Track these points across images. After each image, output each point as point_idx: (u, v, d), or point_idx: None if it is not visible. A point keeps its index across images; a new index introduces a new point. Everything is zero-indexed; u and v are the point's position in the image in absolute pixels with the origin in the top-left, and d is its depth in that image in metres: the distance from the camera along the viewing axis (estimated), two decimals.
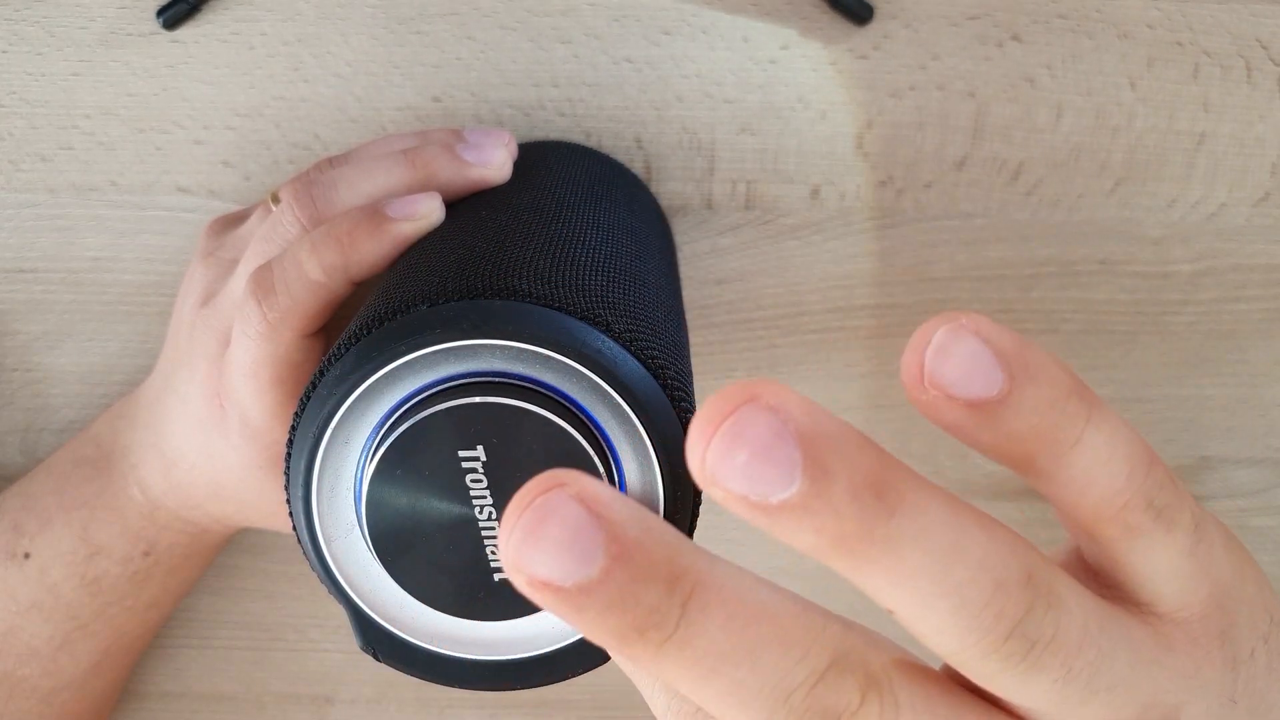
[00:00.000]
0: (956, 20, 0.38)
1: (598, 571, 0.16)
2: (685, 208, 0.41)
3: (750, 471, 0.15)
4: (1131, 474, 0.18)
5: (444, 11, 0.38)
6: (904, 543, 0.16)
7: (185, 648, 0.45)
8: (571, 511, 0.16)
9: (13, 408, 0.42)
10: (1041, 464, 0.18)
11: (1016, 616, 0.17)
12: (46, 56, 0.39)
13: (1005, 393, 0.17)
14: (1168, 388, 0.43)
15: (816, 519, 0.16)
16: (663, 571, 0.16)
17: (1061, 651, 0.17)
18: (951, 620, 0.17)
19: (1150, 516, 0.19)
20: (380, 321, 0.24)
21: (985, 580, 0.16)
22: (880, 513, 0.16)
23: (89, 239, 0.41)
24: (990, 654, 0.17)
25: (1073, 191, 0.40)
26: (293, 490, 0.25)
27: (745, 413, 0.15)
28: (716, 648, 0.16)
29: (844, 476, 0.15)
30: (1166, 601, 0.20)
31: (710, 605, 0.16)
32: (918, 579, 0.16)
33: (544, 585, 0.16)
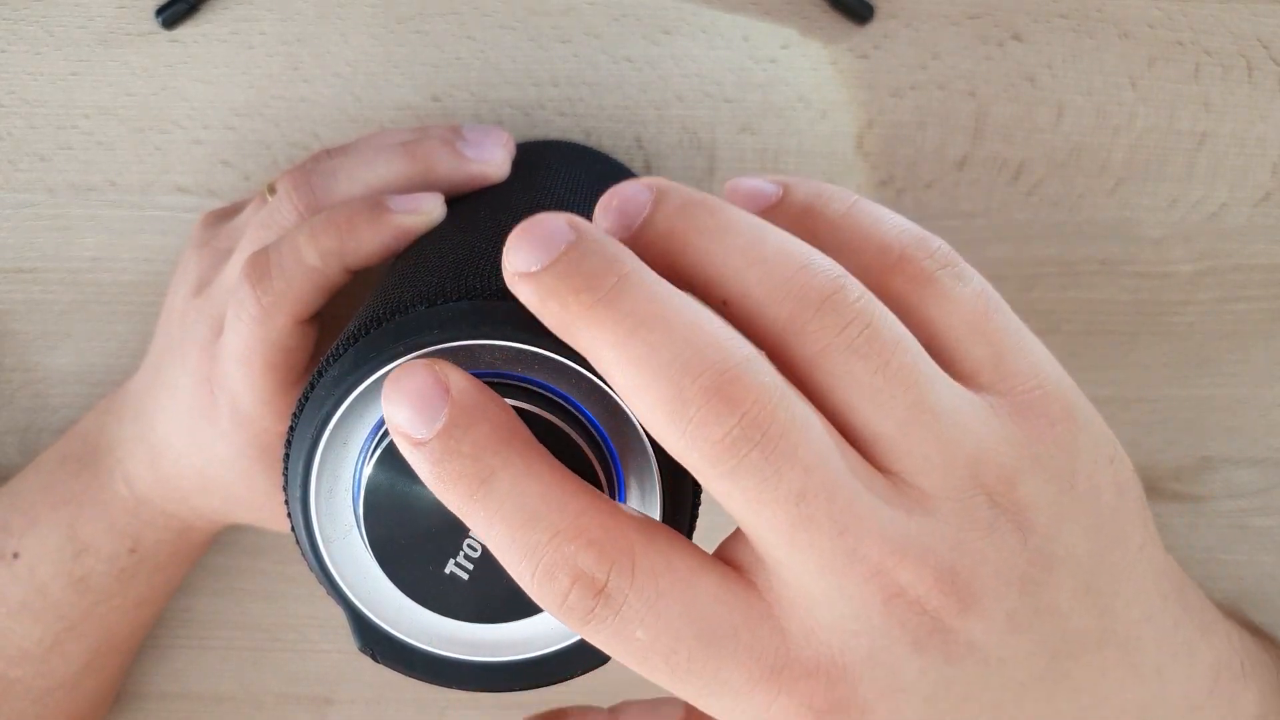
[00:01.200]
0: (957, 19, 0.38)
1: (558, 253, 0.20)
2: None
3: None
4: (903, 233, 0.22)
5: (444, 11, 0.38)
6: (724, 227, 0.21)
7: (184, 648, 0.45)
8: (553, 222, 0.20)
9: (11, 407, 0.42)
10: (824, 235, 0.21)
11: (826, 290, 0.19)
12: (45, 56, 0.39)
13: (780, 198, 0.22)
14: (1168, 388, 0.43)
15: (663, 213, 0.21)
16: (606, 254, 0.20)
17: (878, 340, 0.19)
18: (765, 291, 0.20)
19: (932, 265, 0.21)
20: (379, 322, 0.24)
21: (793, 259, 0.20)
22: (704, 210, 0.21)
23: (88, 239, 0.41)
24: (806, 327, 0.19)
25: (1073, 191, 0.40)
26: (291, 491, 0.25)
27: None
28: (639, 312, 0.19)
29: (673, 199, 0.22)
30: (985, 369, 0.21)
31: (641, 282, 0.20)
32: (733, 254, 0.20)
33: (519, 275, 0.20)
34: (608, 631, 0.19)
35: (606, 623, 0.19)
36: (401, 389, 0.21)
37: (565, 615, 0.20)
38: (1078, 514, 0.21)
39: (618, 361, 0.19)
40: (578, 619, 0.19)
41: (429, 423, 0.20)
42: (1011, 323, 0.22)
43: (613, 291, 0.19)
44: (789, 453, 0.18)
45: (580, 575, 0.19)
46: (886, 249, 0.21)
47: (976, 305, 0.21)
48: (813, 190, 0.22)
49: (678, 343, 0.19)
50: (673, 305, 0.19)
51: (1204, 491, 0.44)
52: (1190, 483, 0.44)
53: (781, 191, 0.22)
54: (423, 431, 0.20)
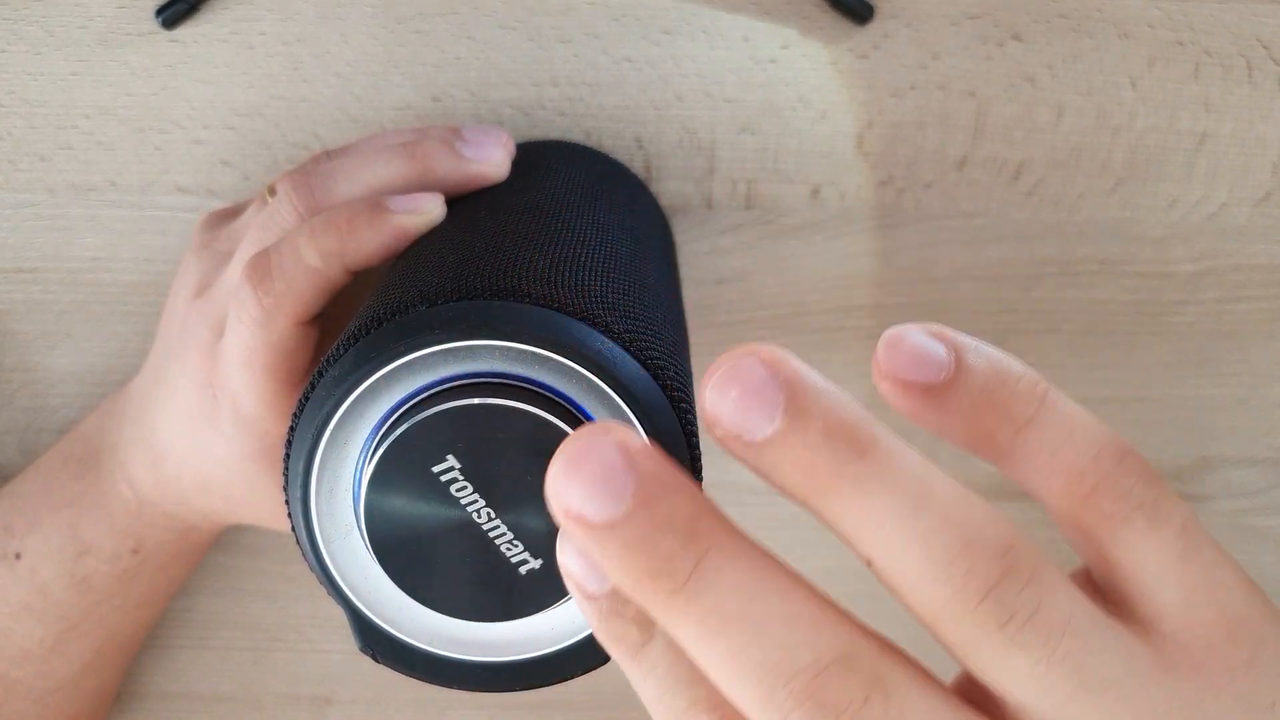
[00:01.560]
0: (957, 20, 0.38)
1: (623, 512, 0.17)
2: (685, 207, 0.41)
3: (740, 406, 0.17)
4: (1099, 456, 0.19)
5: (443, 11, 0.38)
6: (871, 483, 0.18)
7: (184, 648, 0.45)
8: (609, 454, 0.17)
9: (11, 407, 0.42)
10: (1001, 443, 0.19)
11: (992, 579, 0.17)
12: (45, 56, 0.38)
13: (952, 375, 0.19)
14: (1168, 388, 0.43)
15: (793, 454, 0.18)
16: (684, 524, 0.17)
17: (1044, 628, 0.18)
18: (922, 571, 0.17)
19: (1129, 505, 0.19)
20: (379, 322, 0.24)
21: (954, 534, 0.17)
22: (850, 454, 0.18)
23: (88, 239, 0.41)
24: (965, 618, 0.17)
25: (1073, 191, 0.40)
26: (291, 491, 0.25)
27: (742, 360, 0.18)
28: (725, 608, 0.17)
29: (820, 419, 0.17)
30: (1168, 617, 0.20)
31: (724, 567, 0.17)
32: (886, 522, 0.17)
33: (576, 518, 0.17)
34: None
35: None
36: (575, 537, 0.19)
37: None
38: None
39: (703, 656, 0.18)
40: None
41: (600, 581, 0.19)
42: (1205, 561, 0.20)
43: (693, 582, 0.17)
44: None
45: None
46: (1080, 477, 0.19)
47: (1171, 550, 0.19)
48: (992, 375, 0.19)
49: (767, 646, 0.17)
50: (763, 597, 0.17)
51: (1204, 491, 0.44)
52: (1190, 483, 0.44)
53: (954, 366, 0.19)
54: (594, 587, 0.20)
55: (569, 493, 0.17)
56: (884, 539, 0.18)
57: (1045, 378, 0.19)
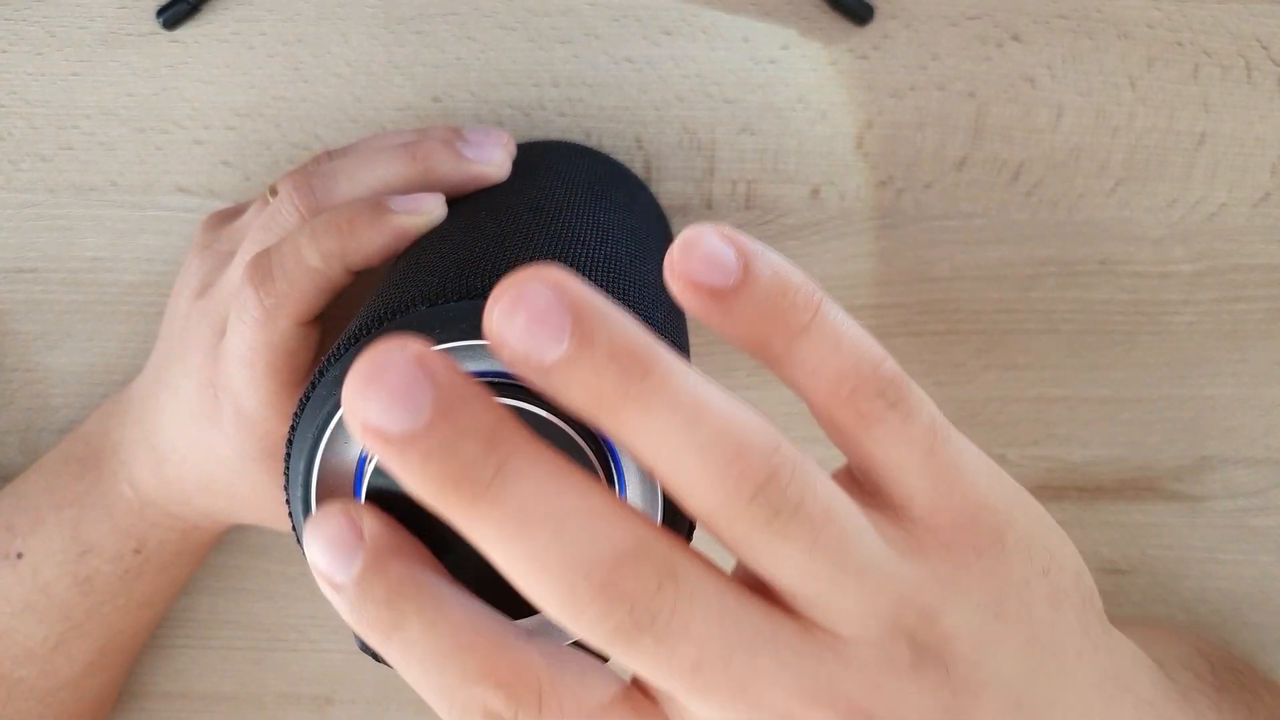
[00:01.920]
0: (956, 20, 0.38)
1: (423, 423, 0.17)
2: (685, 208, 0.41)
3: (528, 331, 0.18)
4: (859, 362, 0.20)
5: (444, 11, 0.38)
6: (654, 402, 0.18)
7: (185, 648, 0.45)
8: (406, 367, 0.17)
9: (12, 407, 0.42)
10: (777, 348, 0.20)
11: (759, 480, 0.19)
12: (46, 56, 0.39)
13: (739, 280, 0.20)
14: (1168, 388, 0.43)
15: (581, 375, 0.18)
16: (483, 431, 0.18)
17: (806, 522, 0.19)
18: (698, 477, 0.19)
19: (883, 404, 0.21)
20: (379, 322, 0.24)
21: (727, 443, 0.19)
22: (635, 374, 0.18)
23: (89, 239, 0.41)
24: (738, 517, 0.19)
25: (1073, 191, 0.40)
26: (292, 491, 0.25)
27: (528, 284, 0.18)
28: (527, 509, 0.18)
29: (605, 343, 0.18)
30: (917, 504, 0.21)
31: (525, 470, 0.18)
32: (667, 436, 0.18)
33: (374, 431, 0.17)
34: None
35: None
36: (318, 534, 0.21)
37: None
38: (1005, 637, 0.21)
39: (505, 557, 0.18)
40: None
41: (345, 568, 0.20)
42: (951, 452, 0.21)
43: (495, 485, 0.18)
44: (681, 630, 0.19)
45: (491, 715, 0.20)
46: (840, 380, 0.20)
47: (919, 443, 0.21)
48: (774, 284, 0.20)
49: (566, 542, 0.18)
50: (562, 495, 0.18)
51: (1203, 491, 0.44)
52: (1189, 483, 0.44)
53: (742, 272, 0.20)
54: (340, 576, 0.20)
55: (367, 407, 0.17)
56: (665, 452, 0.19)
57: (820, 288, 0.21)
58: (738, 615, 0.19)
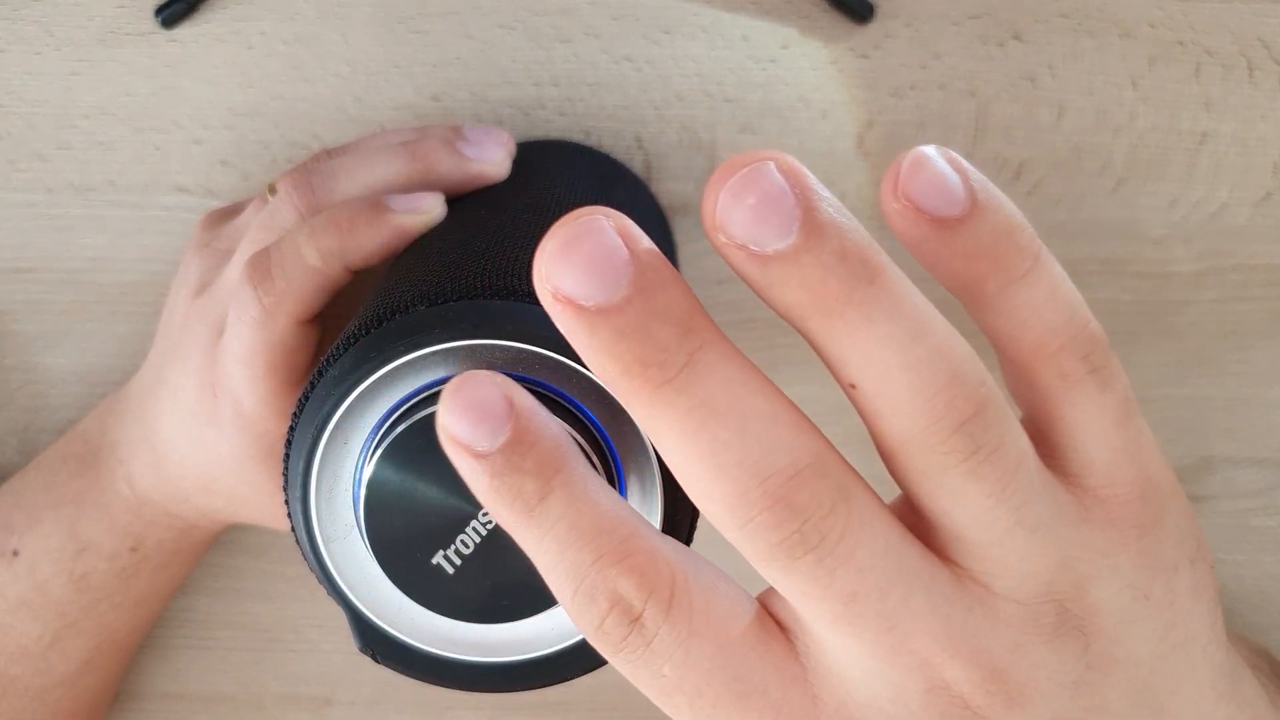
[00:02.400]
0: (958, 19, 0.38)
1: (620, 298, 0.17)
2: (685, 207, 0.41)
3: (755, 216, 0.17)
4: (1071, 319, 0.20)
5: (443, 10, 0.38)
6: (877, 309, 0.17)
7: (184, 648, 0.45)
8: (609, 238, 0.17)
9: (11, 408, 0.42)
10: (989, 290, 0.19)
11: (967, 412, 0.18)
12: (45, 56, 0.38)
13: (966, 212, 0.19)
14: (1169, 388, 0.43)
15: (804, 272, 0.17)
16: (680, 318, 0.17)
17: (1001, 465, 0.18)
18: (907, 398, 0.18)
19: (1085, 368, 0.20)
20: (379, 322, 0.24)
21: (943, 366, 0.18)
22: (862, 278, 0.17)
23: (87, 239, 0.40)
24: (936, 445, 0.18)
25: (1074, 191, 0.40)
26: (291, 491, 0.25)
27: (762, 167, 0.17)
28: (712, 403, 0.17)
29: (835, 239, 0.17)
30: (1094, 473, 0.21)
31: (716, 363, 0.17)
32: (884, 348, 0.18)
33: (567, 301, 0.17)
34: (636, 663, 0.19)
35: (637, 653, 0.19)
36: (463, 398, 0.19)
37: (599, 640, 0.19)
38: (1147, 618, 0.21)
39: (680, 450, 0.18)
40: (610, 646, 0.19)
41: (491, 436, 0.19)
42: (1135, 428, 0.21)
43: (685, 373, 0.17)
44: (845, 556, 0.18)
45: (618, 600, 0.19)
46: (1049, 336, 0.20)
47: (1110, 413, 0.20)
48: (1002, 224, 0.19)
49: (749, 443, 0.17)
50: (749, 396, 0.18)
51: (1205, 492, 0.44)
52: (1191, 483, 0.44)
53: (970, 203, 0.19)
54: (484, 444, 0.19)
55: (563, 273, 0.17)
56: (877, 364, 0.18)
57: None
58: (899, 551, 0.19)
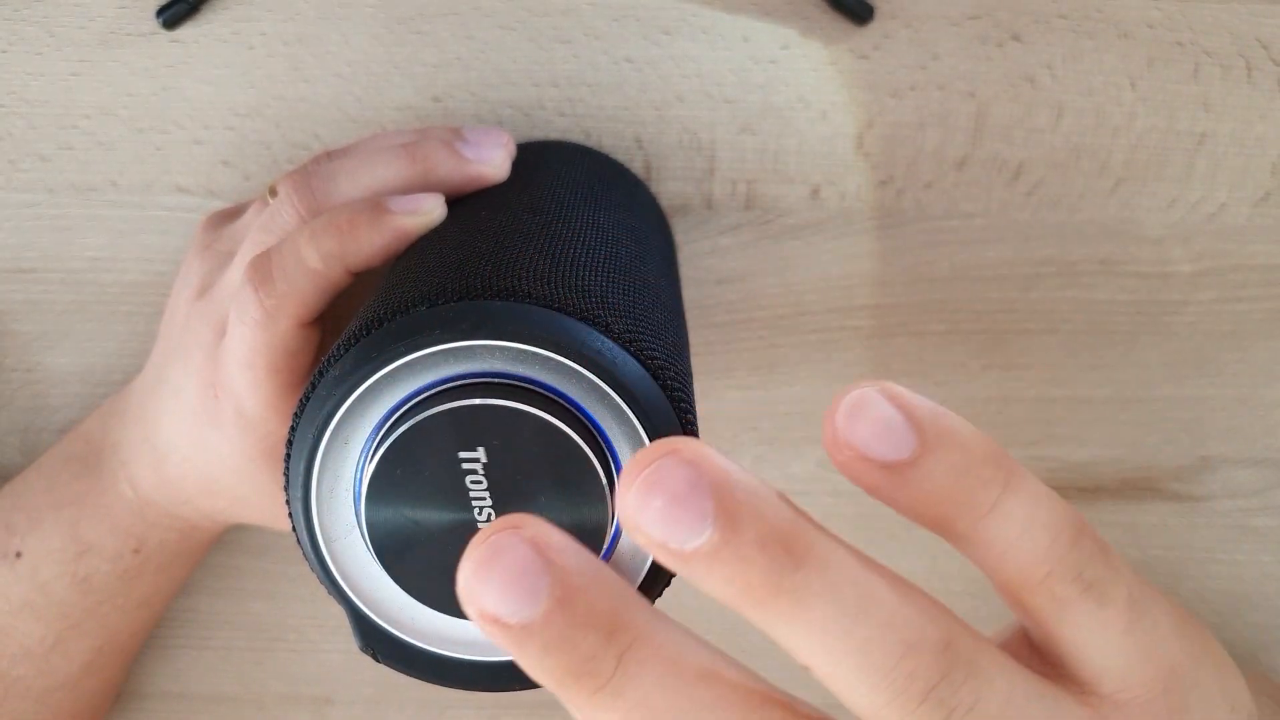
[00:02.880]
0: (957, 20, 0.38)
1: (540, 613, 0.16)
2: (685, 208, 0.41)
3: (666, 517, 0.16)
4: (1054, 543, 0.19)
5: (444, 11, 0.38)
6: (809, 595, 0.17)
7: (185, 648, 0.45)
8: (522, 553, 0.16)
9: (12, 408, 0.42)
10: (959, 528, 0.18)
11: (931, 680, 0.17)
12: (46, 56, 0.39)
13: (916, 456, 0.18)
14: (1168, 388, 0.43)
15: (726, 567, 0.16)
16: (603, 621, 0.16)
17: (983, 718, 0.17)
18: (860, 678, 0.17)
19: (1078, 589, 0.19)
20: (380, 322, 0.24)
21: (893, 639, 0.17)
22: (787, 565, 0.16)
23: (88, 239, 0.41)
24: (906, 717, 0.17)
25: (1073, 191, 0.40)
26: (292, 491, 0.25)
27: (664, 463, 0.16)
28: (649, 704, 0.17)
29: (753, 528, 0.16)
30: (1108, 681, 0.20)
31: (647, 661, 0.17)
32: (825, 633, 0.17)
33: (491, 620, 0.16)
34: None
35: None
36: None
37: None
38: None
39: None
40: None
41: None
42: (1147, 625, 0.20)
43: (615, 680, 0.16)
44: None
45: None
46: (1033, 566, 0.19)
47: (1116, 625, 0.19)
48: (958, 460, 0.18)
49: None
50: (684, 685, 0.17)
51: (1204, 492, 0.44)
52: (1190, 483, 0.44)
53: (919, 445, 0.18)
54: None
55: (483, 594, 0.16)
56: (823, 649, 0.17)
57: (1007, 453, 0.18)
58: None
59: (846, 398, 0.18)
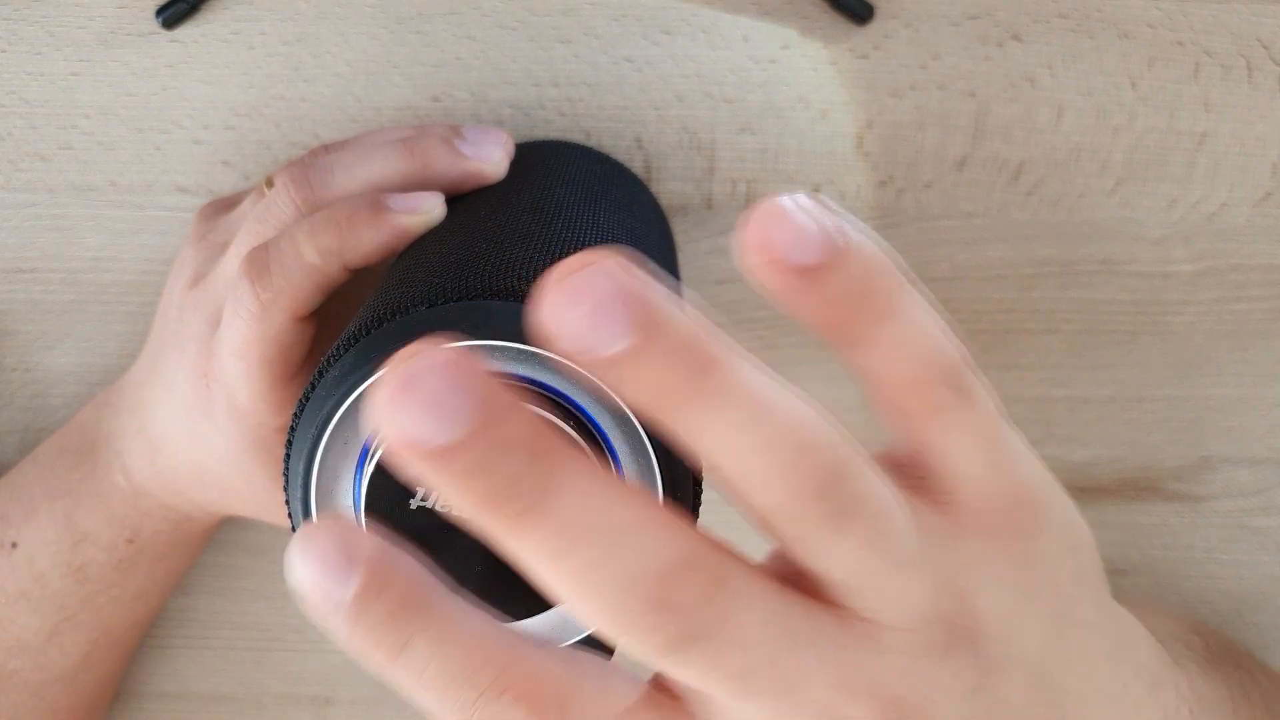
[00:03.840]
0: (957, 20, 0.38)
1: (463, 434, 0.16)
2: (685, 207, 0.41)
3: (589, 324, 0.17)
4: (936, 349, 0.20)
5: (443, 11, 0.38)
6: (718, 397, 0.18)
7: (184, 648, 0.45)
8: (442, 373, 0.16)
9: (12, 407, 0.42)
10: (854, 332, 0.20)
11: (822, 479, 0.18)
12: (46, 56, 0.38)
13: (825, 261, 0.19)
14: (1169, 388, 0.43)
15: (644, 371, 0.17)
16: (527, 442, 0.17)
17: (865, 518, 0.19)
18: (762, 476, 0.18)
19: (953, 393, 0.20)
20: (379, 322, 0.24)
21: (791, 441, 0.18)
22: (699, 369, 0.17)
23: (88, 239, 0.41)
24: (799, 515, 0.18)
25: (1073, 191, 0.40)
26: (292, 491, 0.25)
27: (586, 271, 0.17)
28: (573, 524, 0.17)
29: (670, 335, 0.17)
30: (966, 489, 0.21)
31: (569, 482, 0.17)
32: (731, 433, 0.18)
33: (410, 444, 0.16)
34: None
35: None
36: (309, 554, 0.18)
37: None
38: (1033, 614, 0.21)
39: (555, 577, 0.17)
40: None
41: (341, 588, 0.18)
42: (1005, 437, 0.22)
43: (539, 502, 0.17)
44: (729, 638, 0.18)
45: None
46: (917, 368, 0.20)
47: (980, 430, 0.21)
48: (864, 266, 0.19)
49: (617, 557, 0.17)
50: (612, 508, 0.17)
51: (1204, 491, 0.44)
52: (1190, 483, 0.44)
53: (829, 250, 0.19)
54: (334, 598, 0.18)
55: (401, 417, 0.16)
56: (728, 450, 0.18)
57: (901, 268, 0.20)
58: (781, 615, 0.19)
59: (761, 205, 0.19)
